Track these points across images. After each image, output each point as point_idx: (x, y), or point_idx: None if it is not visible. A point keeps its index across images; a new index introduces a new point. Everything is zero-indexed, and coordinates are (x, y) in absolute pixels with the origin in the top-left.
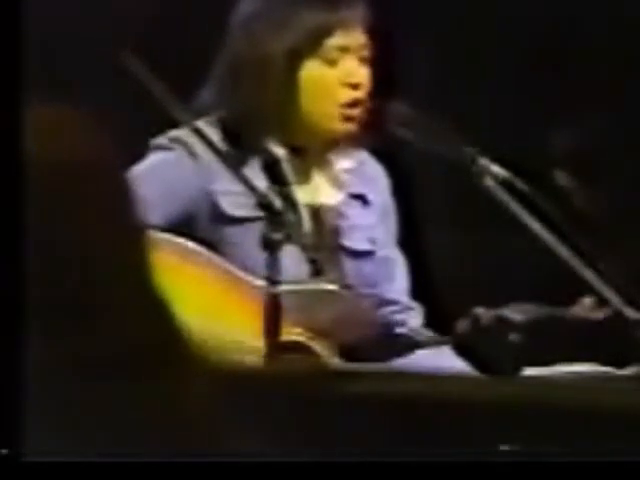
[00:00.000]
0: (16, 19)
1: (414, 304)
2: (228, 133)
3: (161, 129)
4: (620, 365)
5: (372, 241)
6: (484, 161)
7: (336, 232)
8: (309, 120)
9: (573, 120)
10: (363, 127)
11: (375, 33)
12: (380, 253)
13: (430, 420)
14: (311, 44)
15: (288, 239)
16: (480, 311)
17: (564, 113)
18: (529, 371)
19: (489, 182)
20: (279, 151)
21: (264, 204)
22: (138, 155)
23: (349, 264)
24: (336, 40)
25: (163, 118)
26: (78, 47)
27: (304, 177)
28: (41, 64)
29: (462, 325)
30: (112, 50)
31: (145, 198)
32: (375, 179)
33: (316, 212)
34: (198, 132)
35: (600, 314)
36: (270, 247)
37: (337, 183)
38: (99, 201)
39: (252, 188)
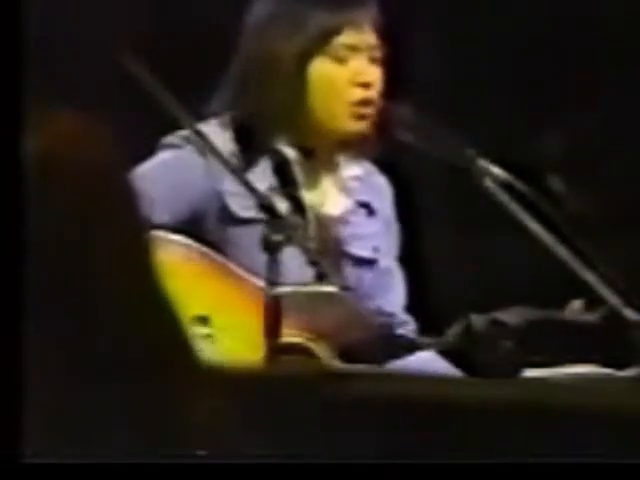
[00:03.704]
0: (16, 19)
1: (408, 318)
2: (240, 133)
3: (164, 131)
4: (620, 367)
5: (375, 250)
6: (484, 162)
7: (341, 238)
8: (319, 119)
9: (573, 121)
10: (373, 128)
11: (385, 33)
12: (381, 263)
13: (429, 422)
14: (320, 43)
15: (289, 241)
16: (474, 316)
17: (564, 114)
18: (528, 373)
19: (489, 183)
20: (290, 152)
21: (264, 206)
22: (139, 157)
23: (351, 271)
24: (345, 38)
25: (166, 120)
26: (79, 48)
27: (313, 180)
28: (42, 65)
29: (456, 330)
30: (114, 52)
31: (154, 195)
32: (380, 190)
33: (322, 216)
34: (199, 134)
35: (591, 316)
36: (269, 248)
37: (345, 189)
38: (100, 201)
39: (252, 189)
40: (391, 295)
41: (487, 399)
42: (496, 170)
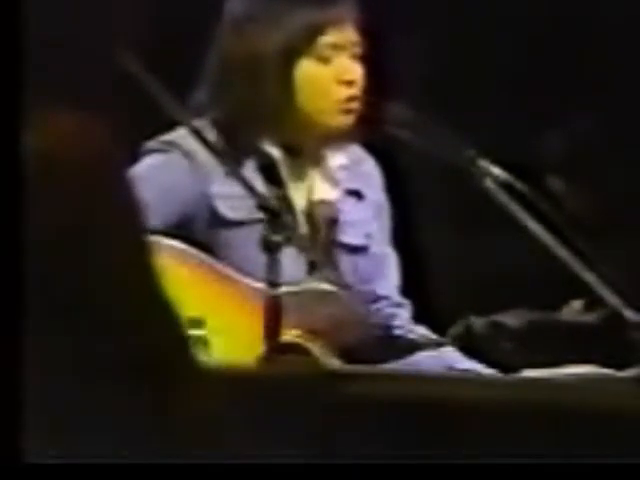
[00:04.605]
0: (16, 19)
1: (404, 301)
2: (223, 135)
3: (163, 131)
4: (620, 367)
5: (367, 236)
6: (484, 163)
7: (332, 228)
8: (305, 117)
9: (573, 121)
10: (359, 122)
11: (367, 30)
12: (374, 249)
13: (429, 422)
14: (305, 42)
15: (288, 241)
16: (474, 318)
17: (564, 114)
18: (528, 373)
19: (489, 184)
20: (274, 152)
21: (264, 206)
22: (138, 156)
23: (345, 259)
24: (329, 38)
25: (162, 119)
26: (79, 48)
27: (299, 176)
28: (42, 65)
29: (456, 331)
30: (114, 52)
31: (142, 200)
32: (370, 175)
33: (312, 209)
34: (197, 133)
35: (591, 316)
36: (270, 249)
37: (332, 180)
38: (100, 201)
39: (252, 190)
40: (385, 279)
41: (487, 399)
42: (496, 170)
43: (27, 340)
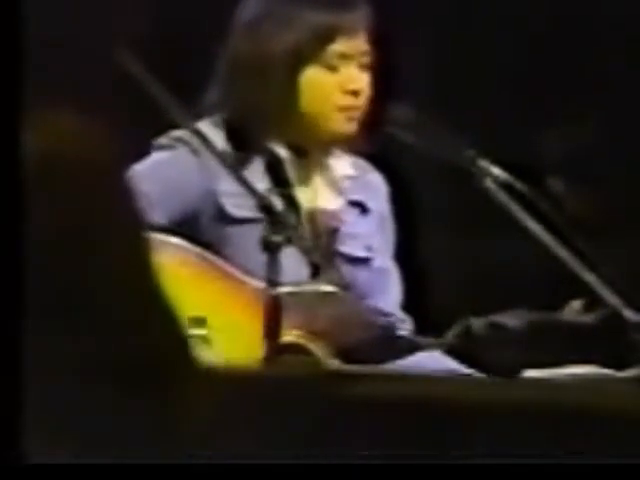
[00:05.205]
0: (16, 19)
1: (405, 317)
2: (232, 133)
3: (163, 131)
4: (620, 367)
5: (369, 249)
6: (484, 163)
7: (333, 237)
8: (309, 121)
9: (573, 121)
10: (362, 129)
11: (377, 39)
12: (376, 262)
13: (429, 422)
14: (313, 48)
15: (288, 242)
16: (473, 318)
17: (564, 114)
18: (528, 373)
19: (489, 184)
20: (282, 151)
21: (264, 206)
22: (138, 156)
23: (345, 270)
24: (338, 46)
25: (162, 119)
26: (79, 48)
27: (305, 179)
28: (42, 65)
29: (455, 332)
30: (114, 52)
31: (147, 196)
32: (375, 188)
33: (315, 215)
34: (198, 133)
35: (591, 316)
36: (270, 249)
37: (337, 188)
38: (100, 201)
39: (252, 190)
40: (387, 294)
41: (487, 400)
42: (496, 170)
43: (27, 340)
